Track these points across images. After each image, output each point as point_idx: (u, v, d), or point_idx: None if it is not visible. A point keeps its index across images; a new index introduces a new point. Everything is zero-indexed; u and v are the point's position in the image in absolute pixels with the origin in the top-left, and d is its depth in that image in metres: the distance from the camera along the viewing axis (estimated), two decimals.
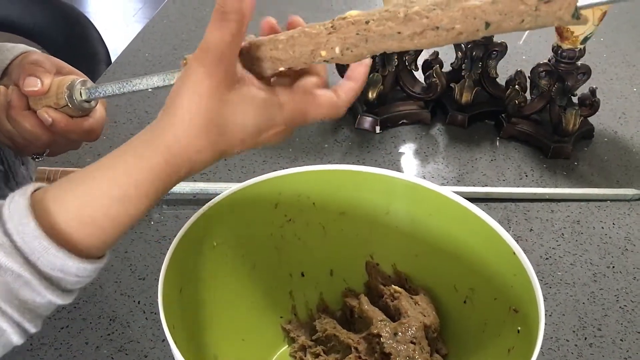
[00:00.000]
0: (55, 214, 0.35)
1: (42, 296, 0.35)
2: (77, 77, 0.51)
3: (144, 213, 0.37)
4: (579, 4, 0.32)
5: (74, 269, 0.36)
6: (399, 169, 0.81)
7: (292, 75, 0.40)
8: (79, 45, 1.40)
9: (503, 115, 0.87)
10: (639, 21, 1.20)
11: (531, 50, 1.07)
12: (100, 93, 0.50)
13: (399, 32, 0.36)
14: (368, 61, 0.40)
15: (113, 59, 1.04)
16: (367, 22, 0.36)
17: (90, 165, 0.38)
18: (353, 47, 0.37)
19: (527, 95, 0.86)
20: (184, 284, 0.49)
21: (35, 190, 0.37)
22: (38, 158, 0.57)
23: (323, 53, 0.37)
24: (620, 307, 0.63)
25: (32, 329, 0.36)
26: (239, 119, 0.37)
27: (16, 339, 0.36)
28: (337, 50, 0.37)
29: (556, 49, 0.80)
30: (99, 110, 0.54)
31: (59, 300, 0.36)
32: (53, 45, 1.43)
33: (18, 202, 0.35)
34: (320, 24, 0.38)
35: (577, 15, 0.32)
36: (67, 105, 0.50)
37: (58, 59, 0.53)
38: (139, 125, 0.84)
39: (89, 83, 0.51)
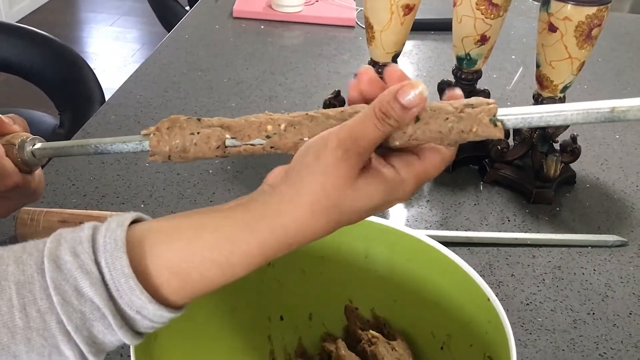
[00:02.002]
0: (151, 260, 0.35)
1: (113, 334, 0.35)
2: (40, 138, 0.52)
3: (239, 277, 0.37)
4: (497, 115, 0.37)
5: (151, 314, 0.35)
6: (383, 212, 0.82)
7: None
8: (75, 86, 1.42)
9: (486, 160, 0.88)
10: (622, 69, 1.23)
11: (516, 97, 1.09)
12: (51, 147, 0.51)
13: (342, 111, 0.39)
14: None
15: (108, 98, 1.06)
16: (318, 108, 0.40)
17: (195, 215, 0.37)
18: (297, 124, 0.39)
19: (510, 141, 0.88)
20: (159, 330, 0.49)
21: (132, 222, 0.36)
22: None
23: (269, 127, 0.40)
24: (599, 354, 0.63)
25: None
26: (362, 203, 0.36)
27: None
28: (282, 126, 0.40)
29: (536, 97, 0.82)
30: (36, 178, 0.53)
31: (128, 340, 0.36)
32: (49, 86, 1.45)
33: (114, 231, 0.35)
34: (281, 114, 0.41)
35: (494, 121, 0.37)
36: (15, 145, 0.51)
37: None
38: (126, 166, 0.85)
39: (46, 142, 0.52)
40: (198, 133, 0.41)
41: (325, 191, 0.35)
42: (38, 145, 0.51)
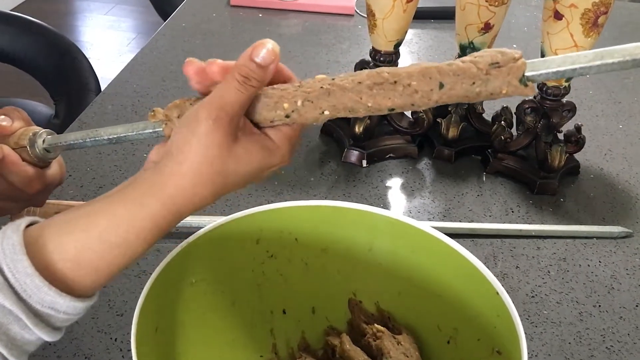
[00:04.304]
0: (51, 254, 0.36)
1: (31, 333, 0.36)
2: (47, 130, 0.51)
3: (142, 255, 0.39)
4: (527, 73, 0.35)
5: (64, 307, 0.36)
6: (385, 203, 0.81)
7: None
8: (70, 75, 1.40)
9: (489, 150, 0.87)
10: None
11: None
12: (62, 141, 0.49)
13: (359, 82, 0.38)
14: None
15: (104, 88, 1.04)
16: (332, 79, 0.39)
17: (87, 204, 0.38)
18: (315, 99, 0.39)
19: (513, 131, 0.86)
20: (160, 322, 0.48)
21: (28, 225, 0.37)
22: None
23: (285, 105, 0.39)
24: (606, 347, 0.63)
25: None
26: (243, 167, 0.39)
27: None
28: (299, 102, 0.39)
29: (541, 86, 0.81)
30: (53, 168, 0.52)
31: (47, 337, 0.36)
32: (44, 75, 1.43)
33: (11, 237, 0.36)
34: (290, 84, 0.40)
35: (524, 82, 0.35)
36: (26, 147, 0.49)
37: (33, 123, 0.52)
38: (123, 157, 0.83)
39: (55, 134, 0.50)
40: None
41: (205, 159, 0.37)
42: (49, 139, 0.49)
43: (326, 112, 0.38)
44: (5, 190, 0.50)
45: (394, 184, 0.84)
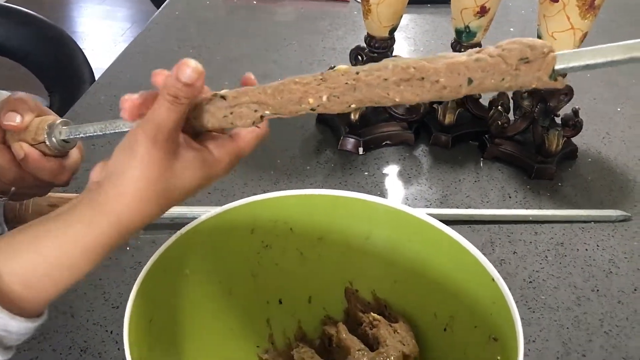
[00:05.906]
0: (1, 278, 0.37)
1: None
2: (59, 118, 0.50)
3: (88, 272, 0.39)
4: (556, 67, 0.35)
5: (15, 329, 0.37)
6: (382, 190, 0.80)
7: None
8: (64, 67, 1.39)
9: (486, 136, 0.86)
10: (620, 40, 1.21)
11: None
12: (80, 133, 0.48)
13: (385, 79, 0.37)
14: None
15: (97, 78, 1.03)
16: (357, 73, 0.38)
17: (32, 226, 0.39)
18: (341, 94, 0.38)
19: (510, 116, 0.86)
20: (154, 313, 0.47)
21: None
22: (1, 197, 0.53)
23: (310, 100, 0.39)
24: (605, 331, 0.62)
25: None
26: (185, 182, 0.40)
27: None
28: (324, 97, 0.38)
29: None
30: (74, 155, 0.52)
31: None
32: (38, 66, 1.42)
33: None
34: (311, 75, 0.40)
35: (554, 77, 0.35)
36: (45, 142, 0.48)
37: (43, 106, 0.52)
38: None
39: (71, 123, 0.50)
40: (231, 114, 0.41)
41: (147, 180, 0.38)
42: (65, 130, 0.48)
43: (353, 105, 0.38)
44: (34, 183, 0.51)
45: (391, 171, 0.84)
